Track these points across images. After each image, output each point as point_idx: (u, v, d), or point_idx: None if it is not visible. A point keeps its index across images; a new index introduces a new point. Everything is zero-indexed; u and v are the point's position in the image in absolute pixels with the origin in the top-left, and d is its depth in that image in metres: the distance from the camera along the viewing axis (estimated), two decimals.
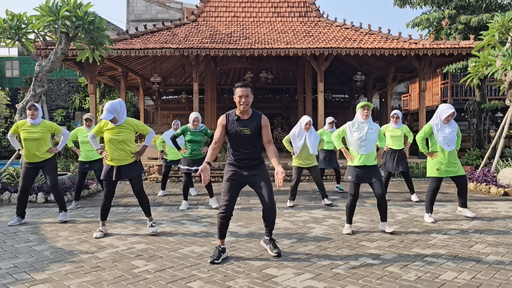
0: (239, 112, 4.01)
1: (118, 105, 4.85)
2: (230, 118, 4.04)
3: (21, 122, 5.84)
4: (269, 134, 4.10)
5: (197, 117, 6.87)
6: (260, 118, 4.05)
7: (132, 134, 5.04)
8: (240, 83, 4.01)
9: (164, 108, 19.22)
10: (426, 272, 3.70)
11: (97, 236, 5.00)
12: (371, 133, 5.07)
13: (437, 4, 15.69)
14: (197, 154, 6.86)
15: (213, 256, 4.02)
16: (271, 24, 14.07)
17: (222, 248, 4.11)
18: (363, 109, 5.10)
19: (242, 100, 3.93)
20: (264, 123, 4.04)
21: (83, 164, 7.09)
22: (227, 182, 4.08)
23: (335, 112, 17.45)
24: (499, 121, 14.98)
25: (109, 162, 5.00)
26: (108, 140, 4.92)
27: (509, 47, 9.17)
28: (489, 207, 6.76)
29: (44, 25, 8.13)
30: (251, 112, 4.06)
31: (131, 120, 5.05)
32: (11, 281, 3.55)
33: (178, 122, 8.37)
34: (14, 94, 24.79)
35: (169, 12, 27.45)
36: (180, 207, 6.83)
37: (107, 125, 4.98)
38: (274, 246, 4.22)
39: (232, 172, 4.09)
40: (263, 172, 4.12)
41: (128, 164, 5.01)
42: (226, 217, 4.05)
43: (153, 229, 5.11)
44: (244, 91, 3.93)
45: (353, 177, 5.09)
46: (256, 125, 4.01)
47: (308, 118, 6.92)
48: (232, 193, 4.06)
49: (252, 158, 4.08)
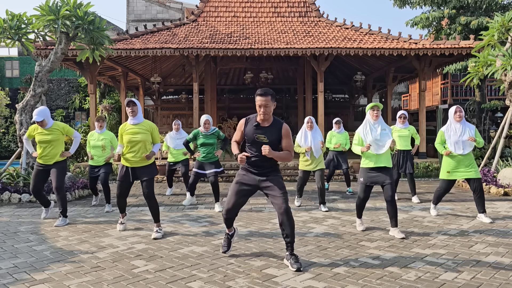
0: (259, 119, 3.89)
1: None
2: (249, 123, 3.93)
3: (34, 126, 5.88)
4: (290, 144, 3.94)
5: (208, 119, 6.71)
6: (281, 127, 3.89)
7: (148, 135, 5.10)
8: (261, 91, 3.81)
9: (164, 108, 19.21)
10: (426, 272, 3.70)
11: (120, 229, 5.25)
12: (385, 134, 5.01)
13: (437, 4, 15.68)
14: (211, 157, 6.72)
15: (223, 247, 4.20)
16: (271, 24, 14.07)
17: (231, 234, 4.27)
18: (373, 110, 5.06)
19: (261, 110, 3.79)
20: (284, 133, 3.89)
21: (93, 169, 6.93)
22: (236, 184, 4.03)
23: (335, 112, 17.43)
24: (499, 121, 14.96)
25: (124, 162, 5.07)
26: (127, 141, 5.01)
27: (509, 47, 9.17)
28: (489, 207, 6.76)
29: (44, 25, 8.13)
30: (272, 120, 3.91)
31: (149, 122, 5.20)
32: (11, 281, 3.55)
33: (179, 122, 8.33)
34: (14, 94, 24.79)
35: (169, 12, 27.44)
36: (184, 202, 6.83)
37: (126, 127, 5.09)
38: (295, 261, 3.81)
39: (244, 176, 4.00)
40: (277, 178, 3.95)
41: (143, 166, 5.05)
42: (228, 218, 4.14)
43: (157, 234, 4.97)
44: (264, 100, 3.76)
45: (365, 179, 5.04)
46: (276, 134, 3.87)
47: (309, 116, 6.87)
48: (238, 197, 4.00)
49: (266, 165, 3.94)
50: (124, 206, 5.27)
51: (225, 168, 10.24)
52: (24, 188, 7.84)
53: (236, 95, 20.23)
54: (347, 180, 8.52)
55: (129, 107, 4.95)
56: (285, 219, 3.85)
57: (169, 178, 8.52)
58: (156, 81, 13.96)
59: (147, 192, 5.00)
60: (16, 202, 7.55)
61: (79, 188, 8.39)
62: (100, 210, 6.79)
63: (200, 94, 15.19)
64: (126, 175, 5.04)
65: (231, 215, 4.08)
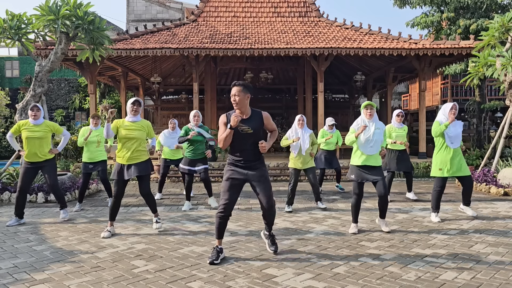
0: (238, 112, 4.02)
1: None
2: (230, 118, 4.03)
3: (23, 122, 5.85)
4: (272, 124, 4.21)
5: (197, 112, 6.93)
6: (261, 115, 4.11)
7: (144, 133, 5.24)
8: (234, 82, 4.09)
9: (164, 108, 19.20)
10: (426, 272, 3.70)
11: (105, 236, 5.02)
12: (378, 133, 5.05)
13: (437, 4, 15.68)
14: (198, 154, 6.85)
15: (211, 257, 4.01)
16: (271, 24, 14.07)
17: (220, 248, 4.10)
18: (366, 109, 5.10)
19: (232, 99, 4.05)
20: (265, 117, 4.12)
21: (87, 165, 6.96)
22: (226, 181, 4.09)
23: (335, 112, 17.43)
24: (499, 121, 14.97)
25: (119, 160, 5.11)
26: (123, 137, 5.06)
27: (509, 47, 9.17)
28: (489, 207, 6.76)
29: (44, 24, 8.13)
30: (250, 111, 4.10)
31: (145, 121, 5.34)
32: (11, 281, 3.55)
33: (175, 121, 8.21)
34: (14, 94, 24.80)
35: (169, 12, 27.44)
36: (183, 207, 6.81)
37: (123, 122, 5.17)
38: (272, 243, 4.30)
39: (232, 171, 4.10)
40: (263, 172, 4.12)
41: (138, 163, 5.10)
42: (224, 216, 4.05)
43: (157, 225, 5.21)
44: (234, 90, 4.02)
45: (356, 176, 5.08)
46: (258, 122, 4.06)
47: (301, 115, 6.90)
48: (232, 193, 4.06)
49: (252, 158, 4.08)
50: (116, 212, 5.18)
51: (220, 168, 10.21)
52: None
53: None
54: (338, 177, 8.68)
55: (134, 105, 5.11)
56: (268, 213, 4.18)
57: (163, 178, 8.11)
58: (156, 81, 13.96)
59: (144, 188, 5.14)
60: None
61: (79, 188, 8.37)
62: (100, 210, 6.79)
63: (200, 94, 15.19)
64: (121, 172, 5.08)
65: (228, 212, 4.05)
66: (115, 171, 5.09)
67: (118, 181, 5.08)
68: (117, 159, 5.16)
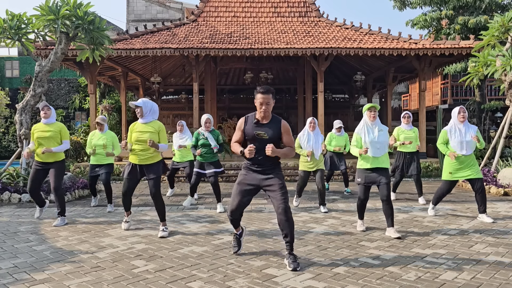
0: (259, 117, 3.91)
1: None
2: (248, 121, 3.95)
3: (36, 125, 5.93)
4: (291, 140, 3.97)
5: (209, 118, 6.74)
6: (280, 124, 3.93)
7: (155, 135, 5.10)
8: (261, 88, 3.86)
9: (164, 108, 19.18)
10: (426, 272, 3.70)
11: (125, 228, 5.29)
12: (382, 135, 5.01)
13: (437, 4, 15.68)
14: (211, 157, 6.74)
15: (234, 248, 4.24)
16: (271, 24, 14.06)
17: (239, 233, 4.29)
18: (370, 111, 5.05)
19: (262, 107, 3.83)
20: (284, 130, 3.93)
21: (94, 168, 6.92)
22: (237, 185, 4.02)
23: (335, 112, 17.42)
24: (499, 121, 14.96)
25: (132, 159, 5.12)
26: (135, 140, 5.05)
27: (509, 47, 9.17)
28: (489, 207, 6.75)
29: (44, 24, 8.13)
30: (271, 116, 3.95)
31: (158, 122, 5.20)
32: (11, 281, 3.55)
33: (183, 122, 8.18)
34: (14, 94, 24.78)
35: (169, 12, 27.44)
36: (184, 202, 6.84)
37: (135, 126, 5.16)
38: (293, 261, 3.83)
39: (244, 176, 4.01)
40: (278, 176, 3.95)
41: (150, 164, 5.08)
42: (233, 220, 4.14)
43: (163, 233, 5.02)
44: (265, 98, 3.81)
45: (363, 179, 5.04)
46: (276, 131, 3.90)
47: (312, 117, 6.86)
48: (241, 198, 3.99)
49: (267, 164, 3.94)
50: (129, 204, 5.34)
51: (225, 168, 10.23)
52: (24, 188, 7.83)
53: (236, 95, 20.23)
54: (346, 180, 8.52)
55: (136, 108, 5.10)
56: (284, 219, 3.85)
57: (171, 178, 8.44)
58: (156, 81, 13.95)
59: (154, 191, 5.03)
60: (16, 202, 7.54)
61: (79, 188, 8.39)
62: (100, 210, 6.79)
63: (200, 94, 15.18)
64: (134, 172, 5.08)
65: (236, 216, 4.08)
66: (126, 170, 5.10)
67: (130, 179, 5.09)
68: (130, 158, 5.15)
